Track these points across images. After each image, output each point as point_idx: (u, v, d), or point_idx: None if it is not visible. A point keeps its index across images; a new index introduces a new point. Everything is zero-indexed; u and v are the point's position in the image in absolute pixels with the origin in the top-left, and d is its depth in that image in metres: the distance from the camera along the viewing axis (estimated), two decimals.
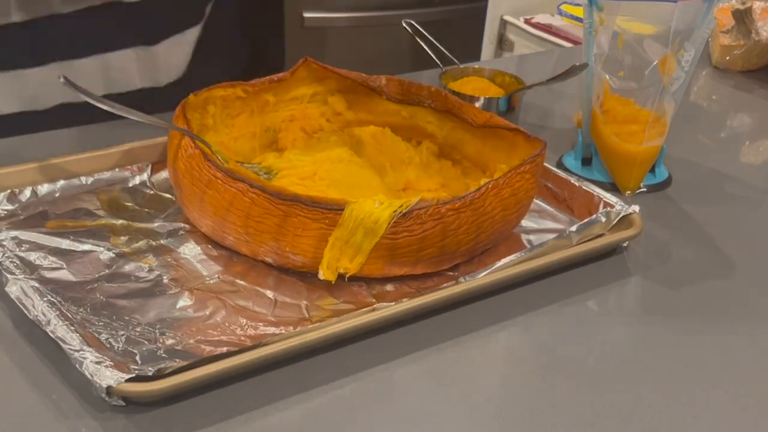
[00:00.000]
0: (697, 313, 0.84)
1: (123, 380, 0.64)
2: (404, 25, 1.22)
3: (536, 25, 2.16)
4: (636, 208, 0.90)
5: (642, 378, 0.74)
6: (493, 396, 0.71)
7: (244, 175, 0.80)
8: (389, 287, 0.81)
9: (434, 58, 1.19)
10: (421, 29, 1.21)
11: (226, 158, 0.85)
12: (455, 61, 1.21)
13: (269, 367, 0.70)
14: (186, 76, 1.23)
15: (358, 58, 2.39)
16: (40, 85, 1.11)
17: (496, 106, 1.11)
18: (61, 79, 0.84)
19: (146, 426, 0.65)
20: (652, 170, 1.05)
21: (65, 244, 0.82)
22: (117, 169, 0.94)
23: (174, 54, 1.20)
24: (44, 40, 1.09)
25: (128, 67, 1.16)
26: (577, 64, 1.01)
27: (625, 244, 0.91)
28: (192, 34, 1.22)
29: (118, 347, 0.70)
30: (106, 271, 0.80)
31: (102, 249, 0.82)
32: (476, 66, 1.20)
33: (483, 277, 0.80)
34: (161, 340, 0.72)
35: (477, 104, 1.10)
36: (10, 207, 0.87)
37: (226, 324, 0.75)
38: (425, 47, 1.20)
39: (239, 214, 0.79)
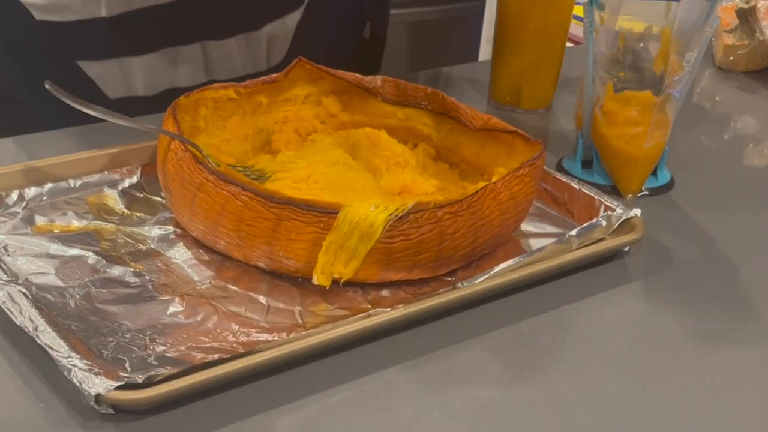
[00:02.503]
0: (700, 319, 0.84)
1: (112, 388, 0.64)
2: None
3: None
4: (637, 211, 0.90)
5: (644, 386, 0.74)
6: (491, 405, 0.71)
7: (236, 178, 0.80)
8: (385, 293, 0.81)
9: None
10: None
11: (217, 161, 0.85)
12: None
13: (262, 374, 0.71)
14: (284, 63, 1.24)
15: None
16: (148, 71, 1.16)
17: None
18: (47, 86, 0.85)
19: None
20: (654, 173, 1.05)
21: (53, 248, 0.83)
22: (106, 172, 0.95)
23: (275, 39, 1.23)
24: (150, 29, 1.13)
25: (230, 52, 1.19)
26: None
27: (626, 249, 0.91)
28: (293, 19, 1.23)
29: (107, 354, 0.70)
30: (95, 276, 0.80)
31: (90, 253, 0.82)
32: None
33: (481, 283, 0.80)
34: (151, 347, 0.72)
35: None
36: None
37: (218, 330, 0.75)
38: None
39: (231, 217, 0.79)
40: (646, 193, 1.04)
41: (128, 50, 1.14)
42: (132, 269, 0.81)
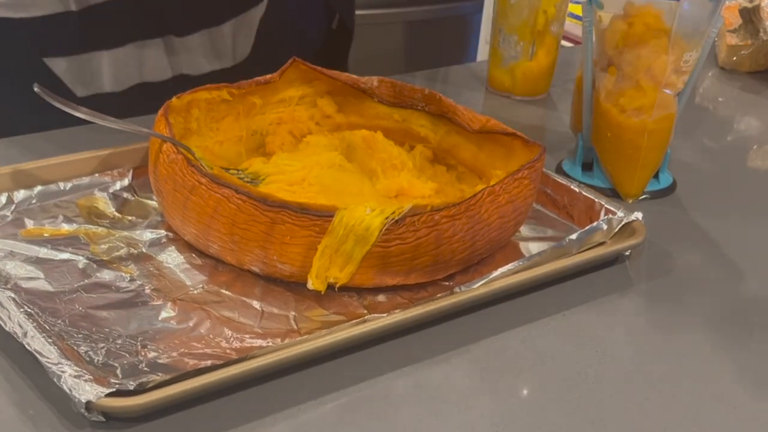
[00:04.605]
0: (702, 324, 0.84)
1: (103, 395, 0.65)
2: None
3: None
4: (639, 215, 0.91)
5: (645, 393, 0.74)
6: (489, 412, 0.71)
7: (230, 181, 0.80)
8: (381, 298, 0.82)
9: None
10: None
11: (210, 164, 0.86)
12: None
13: (256, 381, 0.71)
14: (251, 58, 1.25)
15: (348, 59, 2.39)
16: (115, 67, 1.16)
17: None
18: (36, 89, 0.85)
19: None
20: (656, 176, 1.05)
21: (42, 252, 0.83)
22: (96, 175, 0.95)
23: (239, 34, 1.23)
24: (116, 22, 1.14)
25: (194, 47, 1.20)
26: None
27: (627, 253, 0.91)
28: (255, 14, 1.24)
29: (98, 360, 0.71)
30: (85, 280, 0.80)
31: (81, 258, 0.83)
32: None
33: (479, 287, 0.81)
34: (143, 353, 0.72)
35: None
36: None
37: (211, 336, 0.75)
38: None
39: (224, 221, 0.79)
40: (648, 196, 1.04)
41: (96, 44, 1.14)
42: (123, 274, 0.82)
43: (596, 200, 0.93)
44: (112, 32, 1.14)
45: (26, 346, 0.69)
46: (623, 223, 0.90)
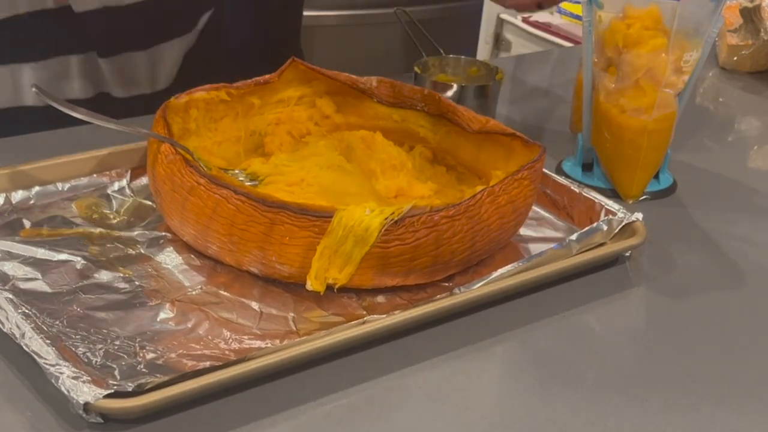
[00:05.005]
0: (702, 325, 0.84)
1: (101, 396, 0.65)
2: (396, 14, 1.23)
3: (535, 24, 2.17)
4: (639, 215, 0.91)
5: (645, 394, 0.74)
6: (489, 413, 0.71)
7: (228, 182, 0.80)
8: (380, 299, 0.82)
9: (422, 51, 1.21)
10: (414, 20, 1.23)
11: (208, 165, 0.86)
12: (441, 52, 1.22)
13: (254, 382, 0.71)
14: (175, 86, 1.21)
15: (347, 59, 2.39)
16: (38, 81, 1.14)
17: (468, 94, 1.13)
18: (33, 89, 0.85)
19: None
20: (656, 176, 1.06)
21: (40, 253, 0.83)
22: (95, 175, 0.95)
23: (168, 58, 1.20)
24: (37, 36, 1.11)
25: (120, 68, 1.16)
26: None
27: (627, 254, 0.91)
28: (185, 43, 1.21)
29: (96, 362, 0.71)
30: (84, 281, 0.80)
31: (79, 258, 0.83)
32: (452, 56, 1.21)
33: (478, 288, 0.81)
34: (141, 354, 0.72)
35: (449, 93, 1.11)
36: None
37: (209, 337, 0.75)
38: (415, 41, 1.22)
39: (223, 222, 0.79)
40: (648, 197, 1.04)
41: (17, 57, 1.12)
42: (121, 275, 0.82)
43: (596, 201, 0.93)
44: (35, 45, 1.12)
45: (24, 347, 0.69)
46: (623, 223, 0.90)
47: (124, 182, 0.95)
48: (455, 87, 1.12)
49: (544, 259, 0.85)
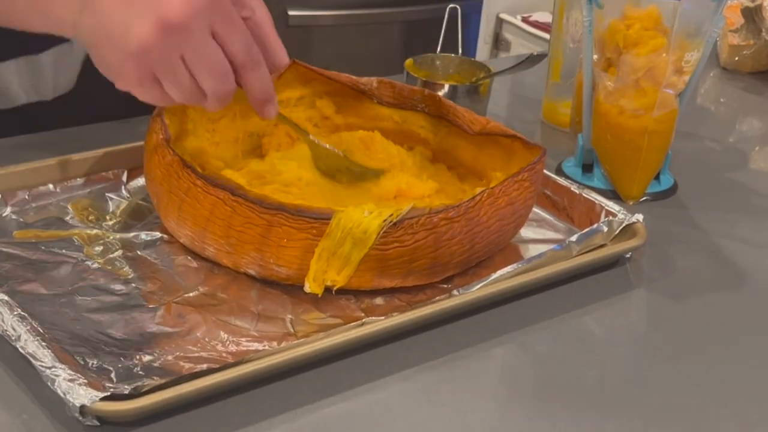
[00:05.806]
0: (703, 327, 0.84)
1: (97, 399, 0.64)
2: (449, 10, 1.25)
3: (535, 24, 2.17)
4: (639, 217, 0.91)
5: (646, 396, 0.74)
6: (488, 416, 0.71)
7: (225, 183, 0.80)
8: (379, 300, 0.82)
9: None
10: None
11: (206, 166, 0.86)
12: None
13: (252, 385, 0.71)
14: (77, 89, 1.14)
15: (346, 59, 2.39)
16: None
17: (460, 93, 1.13)
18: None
19: None
20: (657, 177, 1.06)
21: (36, 255, 0.83)
22: (91, 176, 0.95)
23: (62, 64, 1.11)
24: None
25: (7, 76, 1.09)
26: (535, 53, 1.03)
27: (627, 255, 0.91)
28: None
29: (93, 364, 0.70)
30: (80, 283, 0.80)
31: (75, 260, 0.83)
32: (442, 54, 1.21)
33: (478, 290, 0.80)
34: (138, 357, 0.72)
35: (441, 92, 1.11)
36: None
37: (207, 339, 0.75)
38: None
39: (220, 223, 0.79)
40: (649, 197, 1.04)
41: None
42: (118, 276, 0.81)
43: (597, 202, 0.93)
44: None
45: (20, 349, 0.69)
46: (624, 225, 0.90)
47: (120, 183, 0.95)
48: (447, 87, 1.12)
49: (543, 260, 0.85)
